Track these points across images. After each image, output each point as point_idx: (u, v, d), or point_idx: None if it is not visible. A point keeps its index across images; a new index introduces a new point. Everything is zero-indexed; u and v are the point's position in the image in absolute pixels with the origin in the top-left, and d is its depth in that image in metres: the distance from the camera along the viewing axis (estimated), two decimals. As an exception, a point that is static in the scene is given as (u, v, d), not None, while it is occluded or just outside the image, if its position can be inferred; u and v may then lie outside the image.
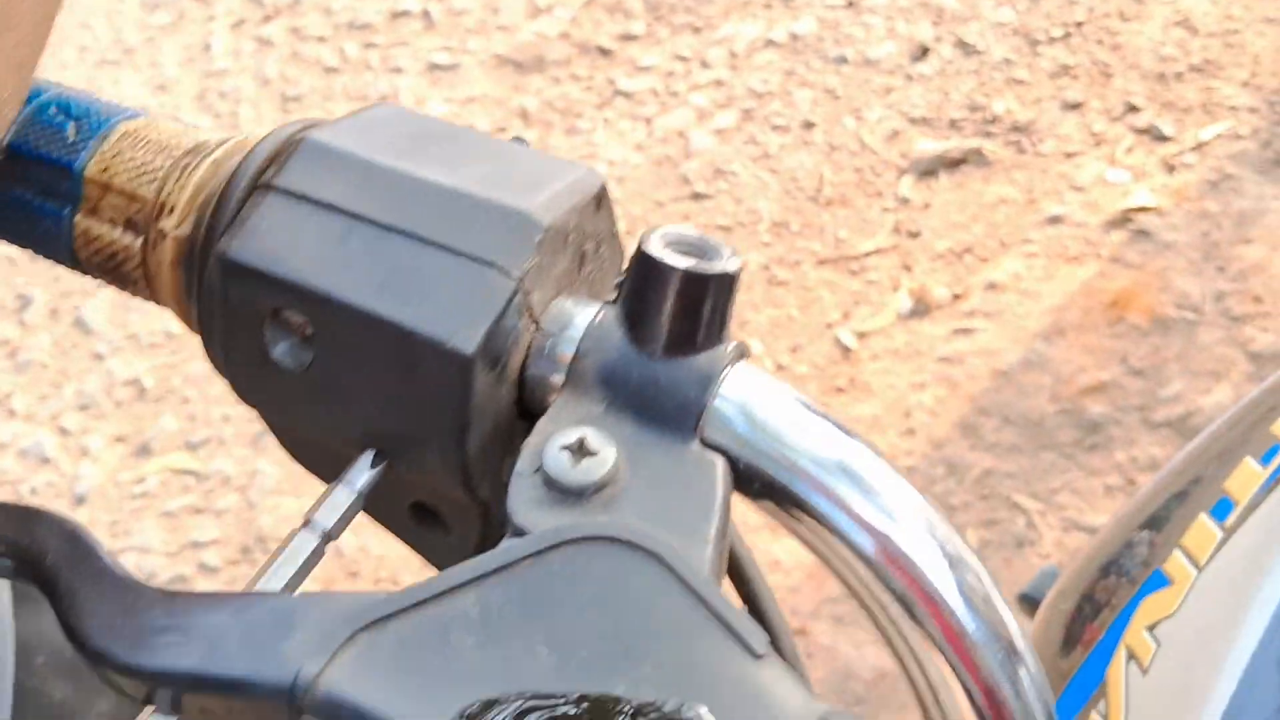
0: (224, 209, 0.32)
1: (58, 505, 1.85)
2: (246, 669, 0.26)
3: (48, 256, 0.37)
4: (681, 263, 0.30)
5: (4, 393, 2.06)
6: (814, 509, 0.30)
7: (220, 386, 1.97)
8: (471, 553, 0.31)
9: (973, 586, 0.31)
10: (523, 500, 0.28)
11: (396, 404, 0.31)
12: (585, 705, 0.24)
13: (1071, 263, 1.55)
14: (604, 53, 2.01)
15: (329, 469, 0.34)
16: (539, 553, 0.26)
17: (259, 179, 0.32)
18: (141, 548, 1.77)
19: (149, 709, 0.27)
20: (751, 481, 0.30)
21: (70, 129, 0.35)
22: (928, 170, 1.72)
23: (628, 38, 2.03)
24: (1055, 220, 1.60)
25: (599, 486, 0.28)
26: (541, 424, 0.30)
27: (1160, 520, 0.56)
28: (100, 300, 2.12)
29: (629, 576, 0.26)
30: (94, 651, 0.27)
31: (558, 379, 0.31)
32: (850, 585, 0.31)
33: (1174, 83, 1.71)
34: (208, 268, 0.32)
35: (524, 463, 0.29)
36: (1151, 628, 0.51)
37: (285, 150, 0.32)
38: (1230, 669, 0.47)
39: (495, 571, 0.26)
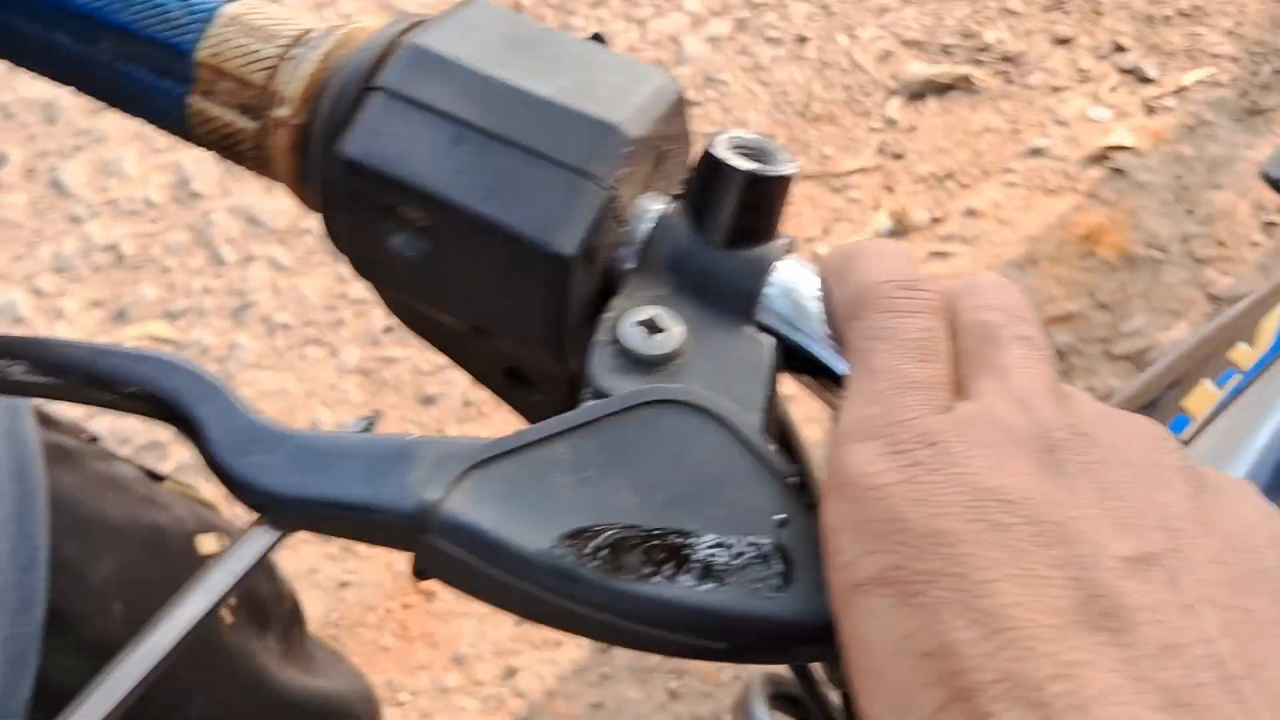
0: (338, 107, 0.35)
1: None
2: (375, 496, 0.30)
3: (167, 131, 0.39)
4: (745, 165, 0.33)
5: (-23, 249, 2.04)
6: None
7: (201, 259, 1.97)
8: (558, 409, 0.35)
9: None
10: (602, 367, 0.32)
11: (502, 293, 0.34)
12: (664, 536, 0.29)
13: (1049, 195, 1.60)
14: (603, -50, 2.00)
15: (435, 336, 0.38)
16: (621, 411, 0.31)
17: (369, 80, 0.34)
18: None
19: (262, 529, 0.31)
20: (796, 357, 0.34)
21: (176, 10, 0.37)
22: (916, 93, 1.74)
23: (628, -64, 2.02)
24: (1037, 152, 1.64)
25: (667, 358, 0.32)
26: (617, 301, 0.34)
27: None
28: (78, 163, 2.10)
29: (697, 434, 0.30)
30: (239, 482, 0.31)
31: (631, 263, 0.34)
32: None
33: (1161, 26, 1.74)
34: (327, 162, 0.34)
35: (602, 334, 0.33)
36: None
37: (391, 51, 0.35)
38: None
39: (584, 425, 0.30)
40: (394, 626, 1.51)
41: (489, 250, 0.33)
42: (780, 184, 0.34)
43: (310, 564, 1.60)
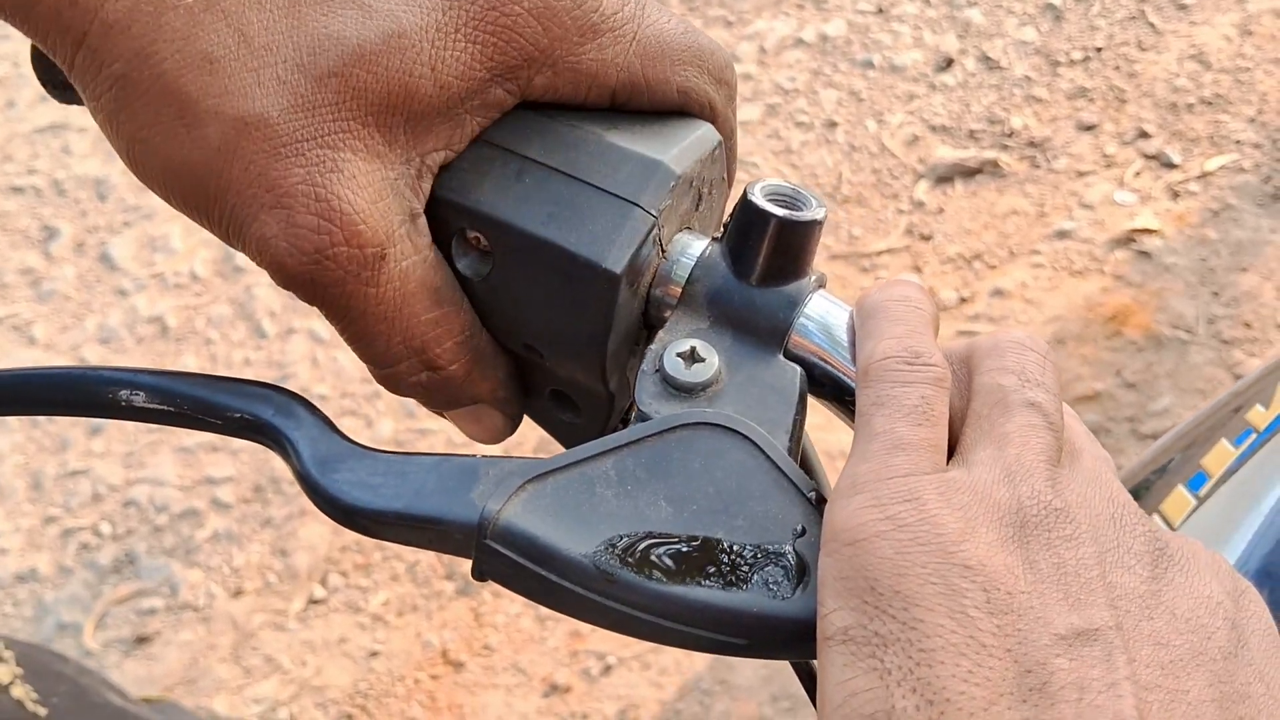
0: None
1: (73, 433, 1.90)
2: (443, 508, 0.34)
3: None
4: (778, 211, 0.36)
5: (25, 320, 2.10)
6: None
7: (243, 331, 2.02)
8: (596, 434, 0.38)
9: None
10: (646, 393, 0.36)
11: (554, 311, 0.37)
12: (694, 543, 0.32)
13: (1075, 276, 1.62)
14: (638, 39, 2.07)
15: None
16: (661, 432, 0.34)
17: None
18: (155, 480, 1.82)
19: None
20: (823, 385, 0.37)
21: None
22: (944, 177, 1.78)
23: (662, 26, 2.08)
24: (1063, 235, 1.67)
25: (705, 385, 0.36)
26: (661, 334, 0.37)
27: (1141, 491, 0.63)
28: (127, 238, 2.17)
29: (728, 452, 0.34)
30: (325, 496, 0.35)
31: (673, 298, 0.38)
32: None
33: (1184, 113, 1.77)
34: None
35: (646, 364, 0.36)
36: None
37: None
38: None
39: (628, 444, 0.34)
40: (422, 697, 1.52)
41: (543, 270, 0.36)
42: (810, 228, 0.37)
43: (340, 633, 1.61)
